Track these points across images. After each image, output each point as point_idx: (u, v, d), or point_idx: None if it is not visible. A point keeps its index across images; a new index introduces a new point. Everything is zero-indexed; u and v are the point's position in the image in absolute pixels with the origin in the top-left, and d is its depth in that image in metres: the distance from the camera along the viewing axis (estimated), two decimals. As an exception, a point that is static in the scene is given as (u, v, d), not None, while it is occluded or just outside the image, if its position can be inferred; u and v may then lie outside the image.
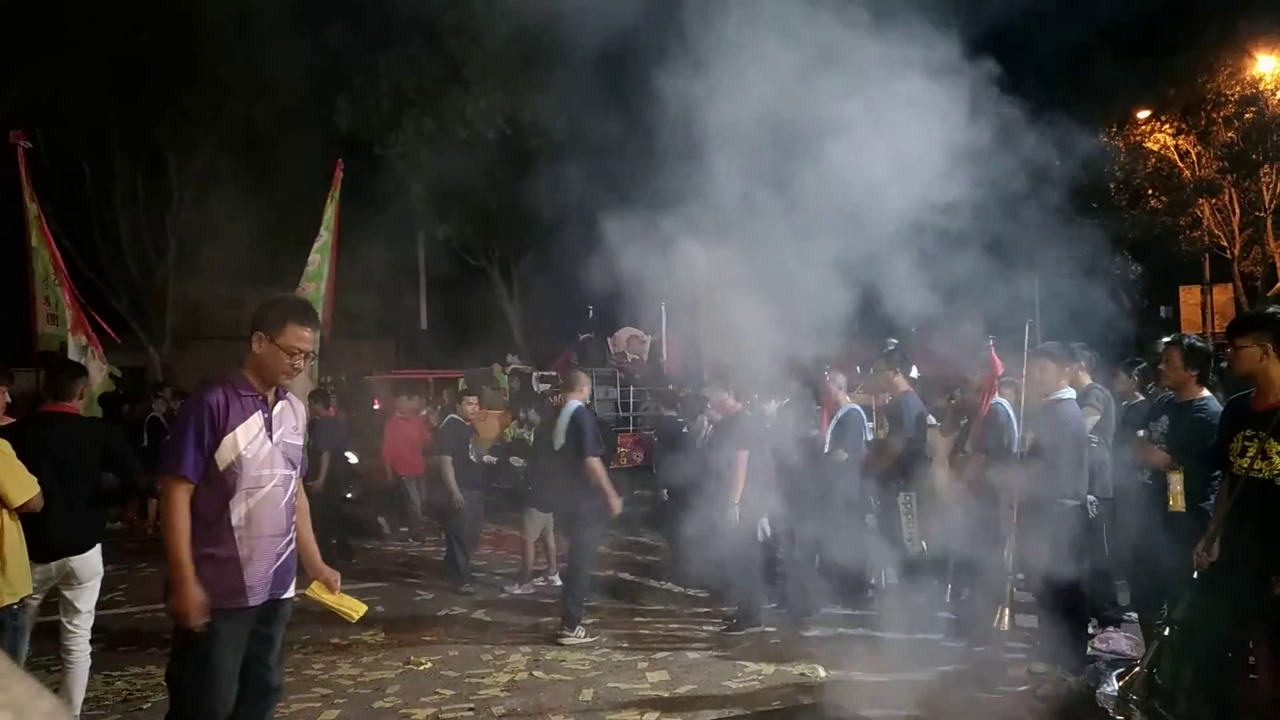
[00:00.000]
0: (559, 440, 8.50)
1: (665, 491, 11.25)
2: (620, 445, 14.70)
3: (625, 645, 7.86)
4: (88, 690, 6.91)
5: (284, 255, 32.47)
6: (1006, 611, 7.02)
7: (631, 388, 15.55)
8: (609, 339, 18.58)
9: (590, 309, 20.85)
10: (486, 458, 10.75)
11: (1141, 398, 8.22)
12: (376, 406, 16.92)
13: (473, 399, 10.98)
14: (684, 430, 12.86)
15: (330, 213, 12.42)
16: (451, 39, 25.92)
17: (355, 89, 26.50)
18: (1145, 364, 8.71)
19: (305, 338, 4.36)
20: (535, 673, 7.18)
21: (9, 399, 6.97)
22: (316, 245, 12.14)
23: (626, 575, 10.57)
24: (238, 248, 32.26)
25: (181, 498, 4.10)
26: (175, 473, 4.09)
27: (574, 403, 8.68)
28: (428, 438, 12.65)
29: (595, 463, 8.26)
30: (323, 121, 27.21)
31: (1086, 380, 7.91)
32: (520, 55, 25.64)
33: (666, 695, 6.65)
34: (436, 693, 6.77)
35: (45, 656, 7.52)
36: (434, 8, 25.62)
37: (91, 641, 8.20)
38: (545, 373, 17.03)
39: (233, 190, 30.17)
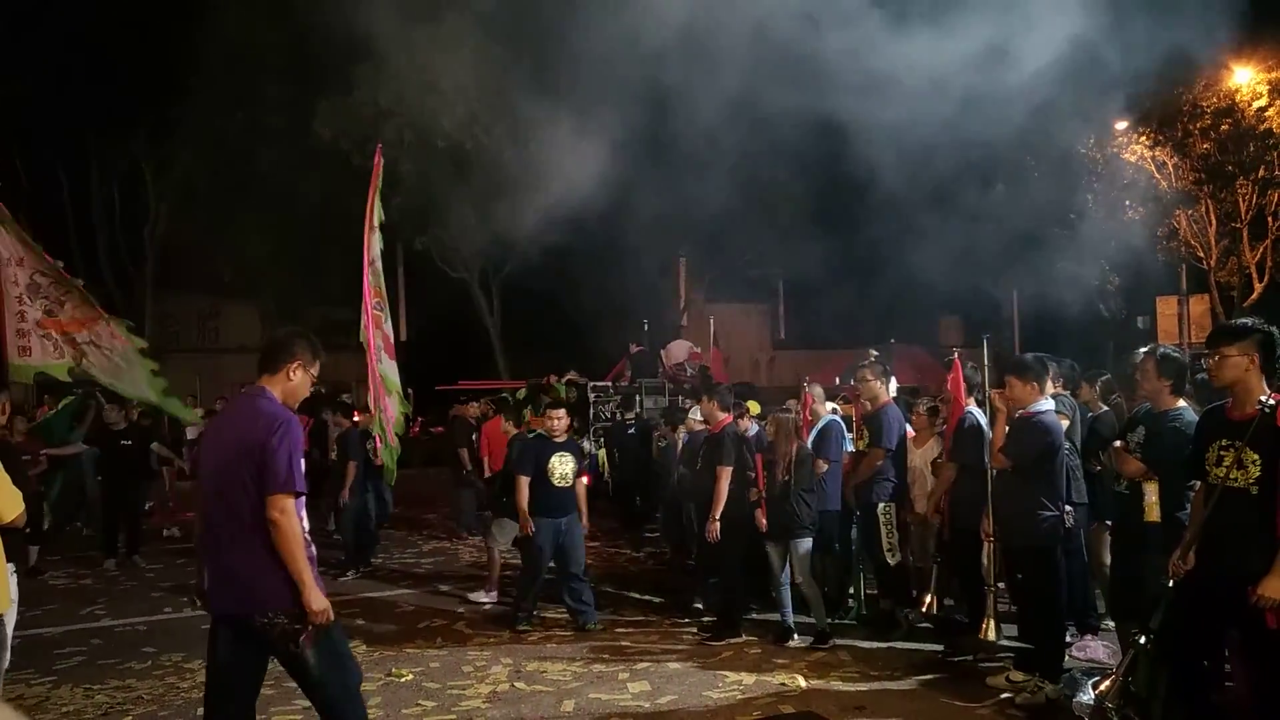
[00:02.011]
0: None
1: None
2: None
3: (606, 656, 7.86)
4: (68, 704, 6.90)
5: (262, 268, 32.50)
6: (991, 622, 7.04)
7: (679, 398, 15.83)
8: (662, 351, 18.84)
9: (645, 322, 21.18)
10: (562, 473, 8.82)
11: (1105, 408, 8.28)
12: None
13: (559, 412, 9.20)
14: (630, 433, 13.11)
15: (377, 206, 11.71)
16: (428, 50, 25.92)
17: (333, 100, 26.46)
18: (1108, 374, 8.78)
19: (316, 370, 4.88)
20: (517, 684, 7.18)
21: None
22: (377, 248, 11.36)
23: (608, 587, 10.55)
24: (216, 261, 32.22)
25: (295, 512, 4.48)
26: (295, 488, 4.45)
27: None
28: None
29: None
30: (301, 133, 27.18)
31: (1053, 389, 7.93)
32: (497, 66, 25.69)
33: (648, 706, 6.66)
34: (418, 704, 6.76)
35: (27, 670, 7.53)
36: (411, 19, 25.64)
37: (71, 655, 8.25)
38: (599, 383, 17.16)
39: (211, 203, 30.13)
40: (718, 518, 8.34)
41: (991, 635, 7.04)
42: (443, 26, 25.74)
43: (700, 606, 9.14)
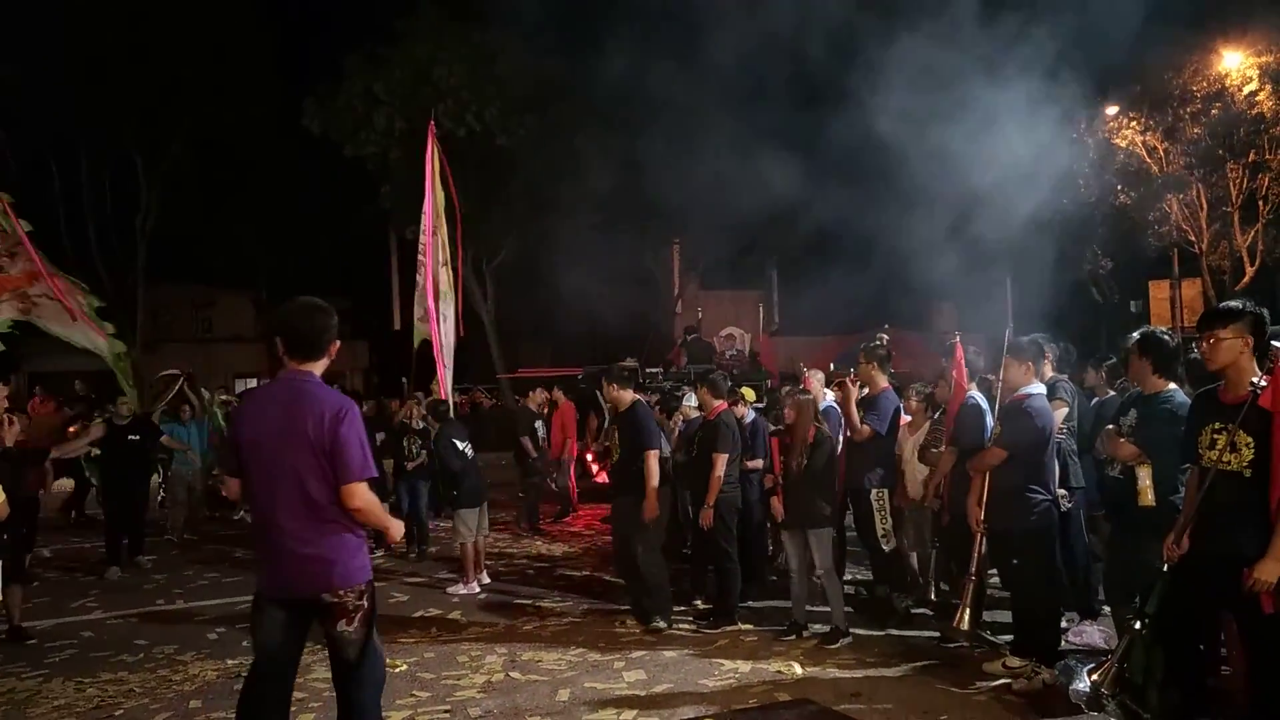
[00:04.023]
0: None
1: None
2: None
3: (602, 645, 7.84)
4: (59, 697, 6.88)
5: (255, 257, 32.41)
6: (967, 611, 6.98)
7: (729, 384, 15.91)
8: (714, 339, 18.77)
9: (700, 310, 21.22)
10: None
11: (1112, 393, 8.26)
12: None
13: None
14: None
15: (438, 190, 11.28)
16: (419, 40, 25.86)
17: (324, 90, 26.39)
18: (1114, 359, 8.76)
19: None
20: (512, 673, 7.16)
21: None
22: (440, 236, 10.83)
23: (605, 575, 10.55)
24: (208, 250, 32.17)
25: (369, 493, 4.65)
26: (370, 474, 4.61)
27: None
28: None
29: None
30: (293, 120, 27.12)
31: (1050, 373, 7.87)
32: (488, 53, 25.63)
33: (643, 694, 6.65)
34: (412, 694, 6.75)
35: (19, 664, 7.51)
36: (402, 10, 25.60)
37: (63, 648, 8.21)
38: (653, 369, 17.18)
39: (202, 192, 30.06)
40: (712, 504, 8.32)
41: (965, 625, 6.97)
42: (432, 14, 25.69)
43: (700, 601, 9.05)
